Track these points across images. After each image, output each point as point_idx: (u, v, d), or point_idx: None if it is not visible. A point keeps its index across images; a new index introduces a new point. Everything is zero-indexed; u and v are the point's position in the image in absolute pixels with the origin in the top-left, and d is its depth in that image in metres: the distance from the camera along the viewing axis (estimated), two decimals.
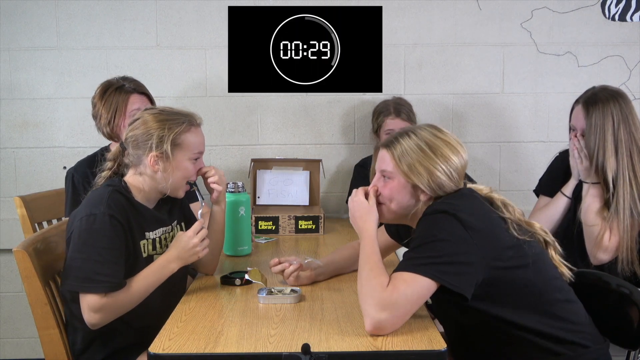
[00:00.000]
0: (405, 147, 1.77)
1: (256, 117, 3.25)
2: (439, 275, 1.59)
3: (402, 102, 3.09)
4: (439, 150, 1.75)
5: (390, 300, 1.58)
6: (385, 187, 1.81)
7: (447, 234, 1.62)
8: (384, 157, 1.81)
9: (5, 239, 3.16)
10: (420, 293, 1.60)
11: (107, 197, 1.87)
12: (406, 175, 1.76)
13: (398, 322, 1.60)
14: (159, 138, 1.93)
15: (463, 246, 1.61)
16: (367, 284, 1.64)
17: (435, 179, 1.74)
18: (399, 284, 1.60)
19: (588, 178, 2.35)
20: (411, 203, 1.79)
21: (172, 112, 2.00)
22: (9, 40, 3.15)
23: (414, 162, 1.75)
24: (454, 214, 1.64)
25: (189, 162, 1.99)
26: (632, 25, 3.21)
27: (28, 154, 3.21)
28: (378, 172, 1.84)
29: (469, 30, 3.22)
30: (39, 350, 2.01)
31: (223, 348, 1.52)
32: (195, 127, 2.00)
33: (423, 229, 1.69)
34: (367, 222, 1.80)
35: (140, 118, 1.98)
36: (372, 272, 1.66)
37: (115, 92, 2.60)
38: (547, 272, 1.74)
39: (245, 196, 2.43)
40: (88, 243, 1.81)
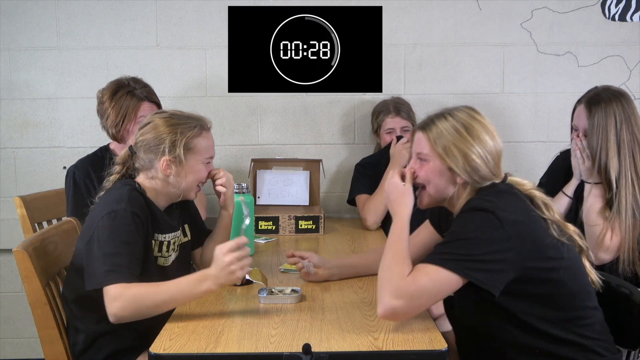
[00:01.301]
0: (440, 129, 1.75)
1: (256, 117, 3.25)
2: (467, 272, 1.58)
3: (401, 101, 3.09)
4: (475, 132, 1.73)
5: (407, 290, 1.57)
6: (421, 169, 1.78)
7: (482, 232, 1.60)
8: (420, 140, 1.79)
9: (5, 239, 3.16)
10: (441, 288, 1.59)
11: (128, 194, 1.88)
12: (441, 157, 1.74)
13: (411, 312, 1.60)
14: (171, 142, 1.93)
15: (498, 245, 1.59)
16: (387, 270, 1.64)
17: (470, 162, 1.71)
18: (420, 276, 1.59)
19: (590, 178, 2.35)
20: (448, 187, 1.76)
21: (182, 116, 2.00)
22: (9, 40, 3.15)
23: (449, 144, 1.73)
24: (493, 211, 1.61)
25: (202, 165, 2.00)
26: (632, 25, 3.21)
27: (28, 154, 3.21)
28: (414, 154, 1.82)
29: (469, 30, 3.22)
30: (39, 350, 2.01)
31: (224, 348, 1.52)
32: (206, 131, 2.01)
33: (458, 225, 1.67)
34: (401, 204, 1.77)
35: (150, 122, 1.98)
36: (394, 258, 1.65)
37: (127, 96, 2.58)
38: (581, 277, 1.73)
39: (249, 197, 2.43)
40: (110, 239, 1.80)
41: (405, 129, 3.02)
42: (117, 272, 1.75)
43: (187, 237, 2.13)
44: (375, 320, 1.69)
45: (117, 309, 1.72)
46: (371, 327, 1.63)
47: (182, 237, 2.10)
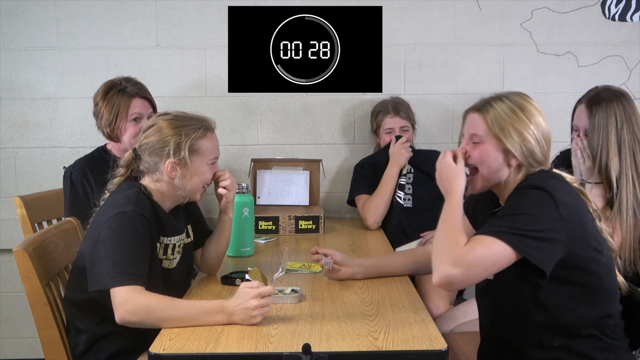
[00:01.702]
0: (498, 110, 1.75)
1: (256, 117, 3.25)
2: (522, 247, 1.59)
3: (400, 101, 3.10)
4: (531, 115, 1.75)
5: (464, 258, 1.59)
6: (475, 149, 1.77)
7: (538, 210, 1.62)
8: (474, 121, 1.78)
9: (5, 239, 3.16)
10: (496, 259, 1.60)
11: (135, 196, 1.87)
12: (498, 138, 1.73)
13: (467, 281, 1.63)
14: (176, 145, 1.92)
15: (552, 224, 1.61)
16: (444, 240, 1.66)
17: (527, 143, 1.72)
18: (476, 245, 1.60)
19: (591, 178, 2.35)
20: (502, 169, 1.76)
21: (186, 117, 1.99)
22: (9, 40, 3.15)
23: (507, 124, 1.73)
24: (550, 192, 1.63)
25: (207, 166, 1.99)
26: (632, 25, 3.21)
27: (28, 154, 3.21)
28: (467, 136, 1.80)
29: (469, 30, 3.22)
30: (39, 350, 2.01)
31: (224, 348, 1.52)
32: (210, 132, 2.00)
33: (514, 201, 1.68)
34: (453, 183, 1.76)
35: (154, 125, 1.97)
36: (451, 229, 1.66)
37: (118, 94, 2.60)
38: (614, 277, 1.75)
39: (249, 197, 2.43)
40: (117, 240, 1.79)
41: (404, 129, 3.03)
42: (124, 274, 1.74)
43: (190, 238, 2.13)
44: (374, 320, 1.69)
45: (126, 313, 1.70)
46: (371, 327, 1.63)
47: (185, 238, 2.09)
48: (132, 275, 1.74)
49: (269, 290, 1.70)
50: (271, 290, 1.71)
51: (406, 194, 2.98)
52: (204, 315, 1.69)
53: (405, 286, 2.00)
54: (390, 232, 2.88)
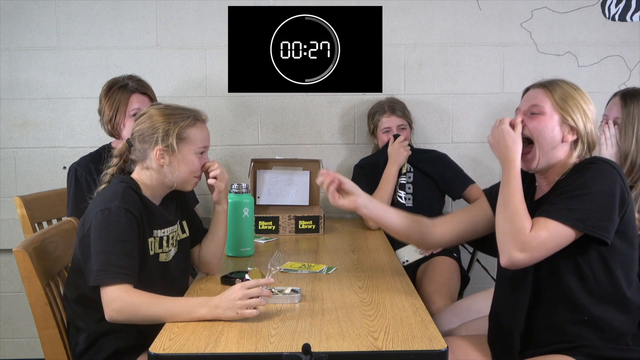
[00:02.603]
0: (563, 87, 1.82)
1: (256, 117, 3.25)
2: (583, 225, 1.66)
3: (395, 100, 3.11)
4: (589, 99, 1.83)
5: (531, 244, 1.66)
6: (533, 120, 1.80)
7: (607, 185, 1.68)
8: (538, 94, 1.83)
9: (5, 239, 3.16)
10: (559, 241, 1.68)
11: (122, 192, 1.88)
12: (563, 111, 1.79)
13: (532, 262, 1.70)
14: (164, 131, 1.94)
15: (621, 198, 1.67)
16: (510, 224, 1.71)
17: (589, 121, 1.79)
18: (541, 231, 1.67)
19: None
20: (557, 144, 1.79)
21: (177, 107, 2.02)
22: (9, 40, 3.15)
23: (572, 100, 1.79)
24: (614, 166, 1.71)
25: (195, 156, 2.00)
26: (632, 25, 3.21)
27: (28, 154, 3.21)
28: (526, 108, 1.83)
29: (469, 30, 3.22)
30: (39, 350, 2.01)
31: (223, 348, 1.52)
32: (200, 122, 2.02)
33: (579, 177, 1.72)
34: (512, 151, 1.78)
35: (146, 113, 2.00)
36: (516, 212, 1.71)
37: (119, 91, 2.62)
38: None
39: (249, 197, 2.43)
40: (103, 236, 1.81)
41: (401, 127, 3.03)
42: (109, 273, 1.76)
43: (186, 234, 2.14)
44: (374, 320, 1.69)
45: (112, 312, 1.74)
46: (371, 327, 1.63)
47: (180, 233, 2.10)
48: (118, 273, 1.76)
49: (255, 283, 1.71)
50: (263, 281, 1.73)
51: (407, 193, 2.98)
52: (188, 310, 1.71)
53: (405, 286, 2.00)
54: None
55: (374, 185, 2.95)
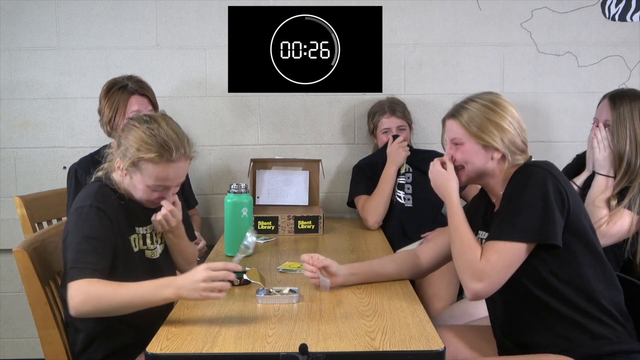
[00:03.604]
0: (471, 110, 1.86)
1: (256, 117, 3.25)
2: (531, 237, 1.69)
3: (395, 101, 3.10)
4: (505, 107, 1.85)
5: (484, 272, 1.71)
6: (457, 151, 1.89)
7: (538, 188, 1.71)
8: (451, 127, 1.90)
9: (5, 239, 3.17)
10: (512, 259, 1.71)
11: (96, 191, 1.89)
12: (477, 136, 1.84)
13: (495, 287, 1.73)
14: (125, 150, 1.91)
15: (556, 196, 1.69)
16: (461, 259, 1.78)
17: (506, 133, 1.82)
18: (491, 255, 1.71)
19: (602, 169, 2.37)
20: (487, 164, 1.85)
21: (156, 136, 1.88)
22: (9, 40, 3.15)
23: (483, 121, 1.83)
24: (548, 169, 1.74)
25: (146, 187, 1.92)
26: (632, 25, 3.20)
27: (28, 154, 3.21)
28: (449, 142, 1.93)
29: (469, 30, 3.22)
30: (39, 350, 2.01)
31: (221, 348, 1.52)
32: (167, 162, 1.88)
33: (515, 189, 1.76)
34: (447, 188, 1.90)
35: (130, 124, 1.95)
36: (463, 244, 1.79)
37: (118, 91, 2.63)
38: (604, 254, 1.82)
39: (248, 197, 2.43)
40: (74, 235, 1.82)
41: (400, 128, 3.03)
42: (79, 269, 1.76)
43: None
44: (372, 320, 1.69)
45: (76, 303, 1.72)
46: (368, 328, 1.63)
47: None
48: (84, 269, 1.75)
49: (225, 265, 1.68)
50: (229, 265, 1.69)
51: (406, 193, 2.98)
52: (153, 291, 1.69)
53: (403, 287, 2.00)
54: (391, 232, 2.88)
55: (373, 186, 2.96)
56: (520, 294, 1.78)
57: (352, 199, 3.06)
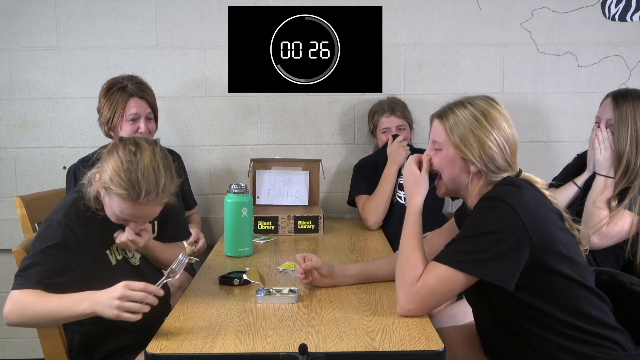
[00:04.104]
0: (459, 116, 1.76)
1: (256, 117, 3.25)
2: (479, 271, 1.61)
3: (396, 100, 3.11)
4: (494, 119, 1.74)
5: (418, 295, 1.66)
6: (435, 156, 1.81)
7: (499, 225, 1.61)
8: (436, 128, 1.81)
9: (5, 239, 3.16)
10: (452, 287, 1.65)
11: (69, 205, 1.86)
12: (456, 146, 1.75)
13: (425, 311, 1.69)
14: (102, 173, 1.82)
15: (514, 236, 1.60)
16: (401, 274, 1.71)
17: (487, 150, 1.72)
18: (430, 279, 1.65)
19: (603, 170, 2.37)
20: (462, 175, 1.77)
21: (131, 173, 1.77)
22: (9, 40, 3.15)
23: (467, 132, 1.73)
24: (510, 203, 1.61)
25: (114, 215, 1.85)
26: (632, 25, 3.20)
27: (28, 154, 3.21)
28: (430, 141, 1.84)
29: (469, 30, 3.22)
30: (39, 350, 2.02)
31: (221, 348, 1.52)
32: (133, 202, 1.78)
33: (474, 218, 1.68)
34: (414, 192, 1.82)
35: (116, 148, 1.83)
36: (408, 260, 1.71)
37: (118, 92, 2.63)
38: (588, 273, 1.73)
39: (248, 197, 2.43)
40: (35, 246, 1.80)
41: (400, 128, 3.03)
42: (23, 278, 1.73)
43: (154, 234, 2.09)
44: (372, 320, 1.69)
45: (6, 311, 1.71)
46: (368, 328, 1.63)
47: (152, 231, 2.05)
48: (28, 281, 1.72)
49: (145, 286, 1.61)
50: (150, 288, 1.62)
51: None
52: (70, 306, 1.66)
53: None
54: (391, 233, 2.88)
55: (374, 185, 2.96)
56: (499, 317, 1.75)
57: (353, 198, 3.06)
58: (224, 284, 2.03)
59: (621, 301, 1.84)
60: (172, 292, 2.36)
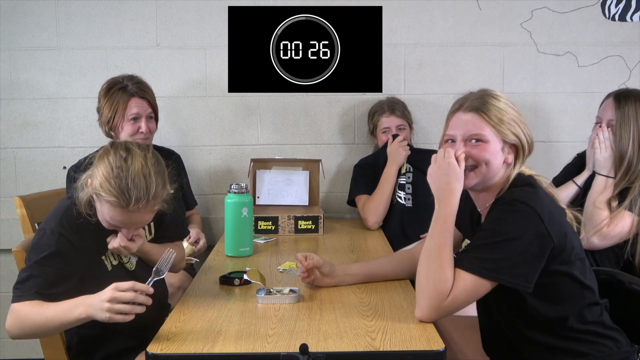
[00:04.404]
0: (493, 104, 1.72)
1: (256, 117, 3.25)
2: (506, 278, 1.61)
3: (395, 100, 3.11)
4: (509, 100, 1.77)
5: (447, 310, 1.64)
6: (476, 149, 1.71)
7: (524, 230, 1.60)
8: (472, 120, 1.72)
9: (5, 239, 3.16)
10: (477, 295, 1.65)
11: (62, 213, 1.83)
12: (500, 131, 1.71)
13: (444, 317, 1.68)
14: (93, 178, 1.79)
15: (538, 241, 1.60)
16: (427, 283, 1.64)
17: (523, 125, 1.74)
18: (459, 293, 1.62)
19: (603, 170, 2.37)
20: (500, 167, 1.73)
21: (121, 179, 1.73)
22: (9, 40, 3.15)
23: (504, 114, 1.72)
24: (533, 207, 1.60)
25: (105, 220, 1.82)
26: (632, 25, 3.20)
27: (28, 154, 3.21)
28: (463, 138, 1.73)
29: (469, 30, 3.22)
30: (39, 350, 2.02)
31: (221, 348, 1.52)
32: (122, 210, 1.75)
33: (497, 222, 1.65)
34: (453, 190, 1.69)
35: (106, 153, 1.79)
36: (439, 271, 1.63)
37: (119, 92, 2.63)
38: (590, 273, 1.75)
39: (248, 197, 2.43)
40: (30, 256, 1.78)
41: (400, 127, 3.03)
42: (21, 291, 1.72)
43: (152, 235, 2.08)
44: (372, 320, 1.69)
45: (7, 325, 1.71)
46: (369, 328, 1.63)
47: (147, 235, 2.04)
48: (26, 293, 1.70)
49: (130, 286, 1.59)
50: (139, 286, 1.60)
51: (406, 193, 2.98)
52: (65, 313, 1.65)
53: (404, 287, 2.00)
54: (391, 233, 2.88)
55: (374, 185, 2.96)
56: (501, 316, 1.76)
57: (353, 198, 3.06)
58: (224, 284, 2.03)
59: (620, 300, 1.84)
60: (172, 292, 2.37)
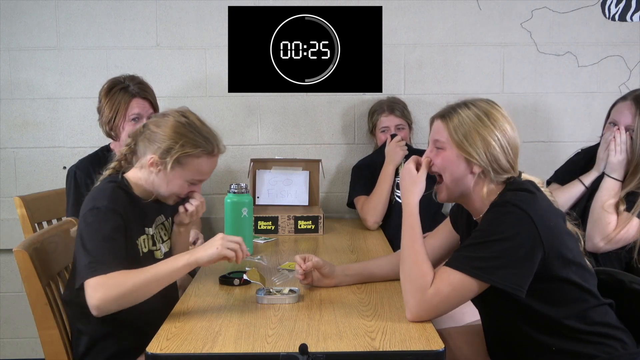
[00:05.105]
0: (462, 116, 1.73)
1: (256, 117, 3.25)
2: (493, 278, 1.59)
3: (395, 100, 3.11)
4: (497, 120, 1.72)
5: (431, 303, 1.63)
6: (437, 156, 1.76)
7: (514, 231, 1.60)
8: (438, 128, 1.77)
9: (5, 239, 3.17)
10: (465, 294, 1.63)
11: (111, 192, 1.87)
12: (460, 145, 1.71)
13: (436, 317, 1.66)
14: (167, 147, 1.89)
15: (529, 243, 1.59)
16: (409, 281, 1.67)
17: (491, 149, 1.69)
18: (443, 287, 1.62)
19: (614, 173, 2.35)
20: (466, 176, 1.73)
21: (197, 129, 1.92)
22: (9, 40, 3.15)
23: (470, 130, 1.71)
24: (526, 210, 1.60)
25: (184, 182, 1.95)
26: (632, 25, 3.20)
27: (28, 154, 3.21)
28: (431, 142, 1.79)
29: (469, 30, 3.22)
30: (39, 350, 2.01)
31: (221, 348, 1.52)
32: (209, 156, 1.94)
33: (489, 223, 1.65)
34: (409, 192, 1.77)
35: (166, 117, 1.94)
36: (415, 267, 1.67)
37: (119, 92, 2.62)
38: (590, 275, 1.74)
39: (248, 197, 2.43)
40: (90, 236, 1.79)
41: (399, 127, 3.03)
42: (96, 266, 1.73)
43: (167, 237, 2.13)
44: (372, 320, 1.69)
45: (98, 300, 1.69)
46: (368, 328, 1.63)
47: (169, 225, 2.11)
48: (103, 267, 1.73)
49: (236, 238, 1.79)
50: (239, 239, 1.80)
51: None
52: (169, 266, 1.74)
53: None
54: (391, 233, 2.88)
55: (372, 186, 2.96)
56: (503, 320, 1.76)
57: (352, 200, 3.06)
58: (224, 284, 2.03)
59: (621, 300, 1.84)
60: None
